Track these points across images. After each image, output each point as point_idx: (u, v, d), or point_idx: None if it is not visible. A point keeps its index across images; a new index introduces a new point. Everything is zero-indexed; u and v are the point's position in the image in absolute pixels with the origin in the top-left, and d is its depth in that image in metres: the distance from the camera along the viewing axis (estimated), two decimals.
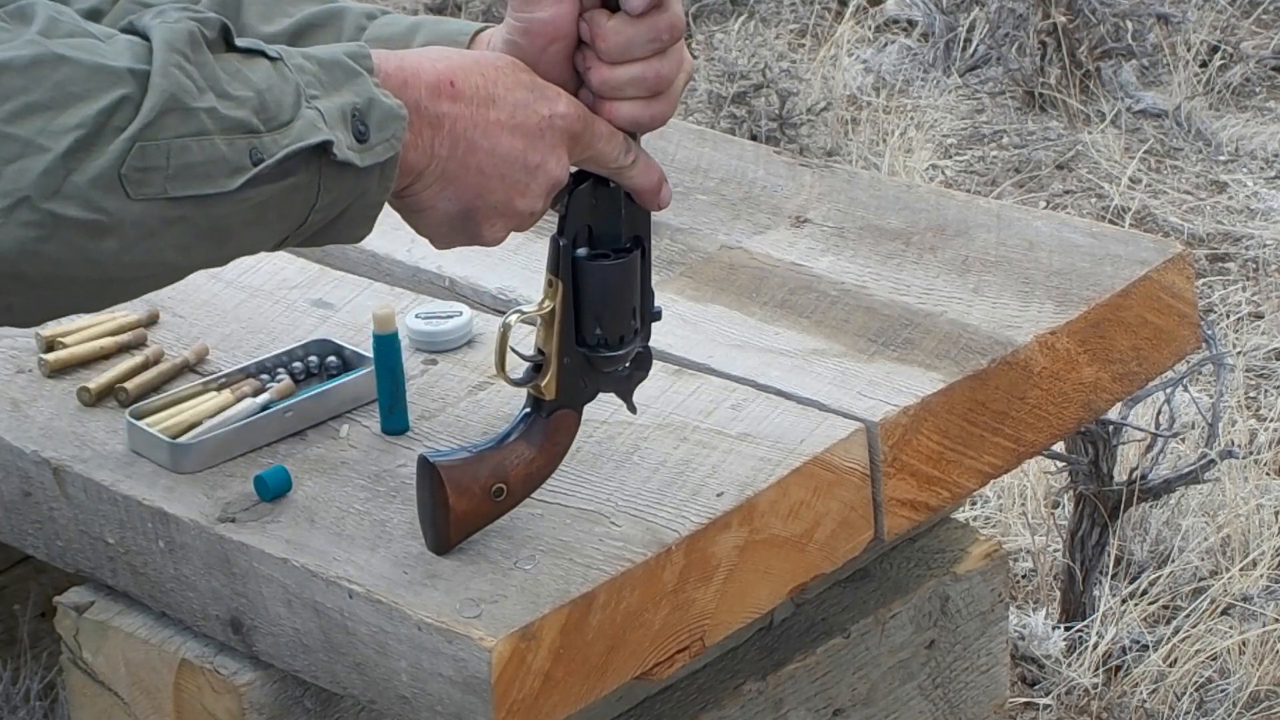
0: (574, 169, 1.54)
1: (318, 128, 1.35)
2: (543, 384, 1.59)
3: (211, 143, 1.31)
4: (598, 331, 1.58)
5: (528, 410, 1.61)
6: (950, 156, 4.51)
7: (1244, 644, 2.82)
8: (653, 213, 1.59)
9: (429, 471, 1.58)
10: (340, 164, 1.36)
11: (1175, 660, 2.80)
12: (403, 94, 1.41)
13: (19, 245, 1.26)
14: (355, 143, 1.37)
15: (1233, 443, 3.23)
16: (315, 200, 1.37)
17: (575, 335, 1.58)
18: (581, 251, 1.56)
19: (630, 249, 1.57)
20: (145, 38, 1.32)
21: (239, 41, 1.35)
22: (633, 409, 1.65)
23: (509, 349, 1.57)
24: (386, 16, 1.68)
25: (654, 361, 1.64)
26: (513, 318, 1.56)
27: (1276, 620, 2.86)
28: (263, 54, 1.36)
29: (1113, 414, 2.82)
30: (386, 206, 1.45)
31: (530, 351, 1.60)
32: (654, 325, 1.62)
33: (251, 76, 1.34)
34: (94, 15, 1.66)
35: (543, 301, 1.57)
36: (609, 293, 1.57)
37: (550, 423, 1.60)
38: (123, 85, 1.28)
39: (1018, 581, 3.02)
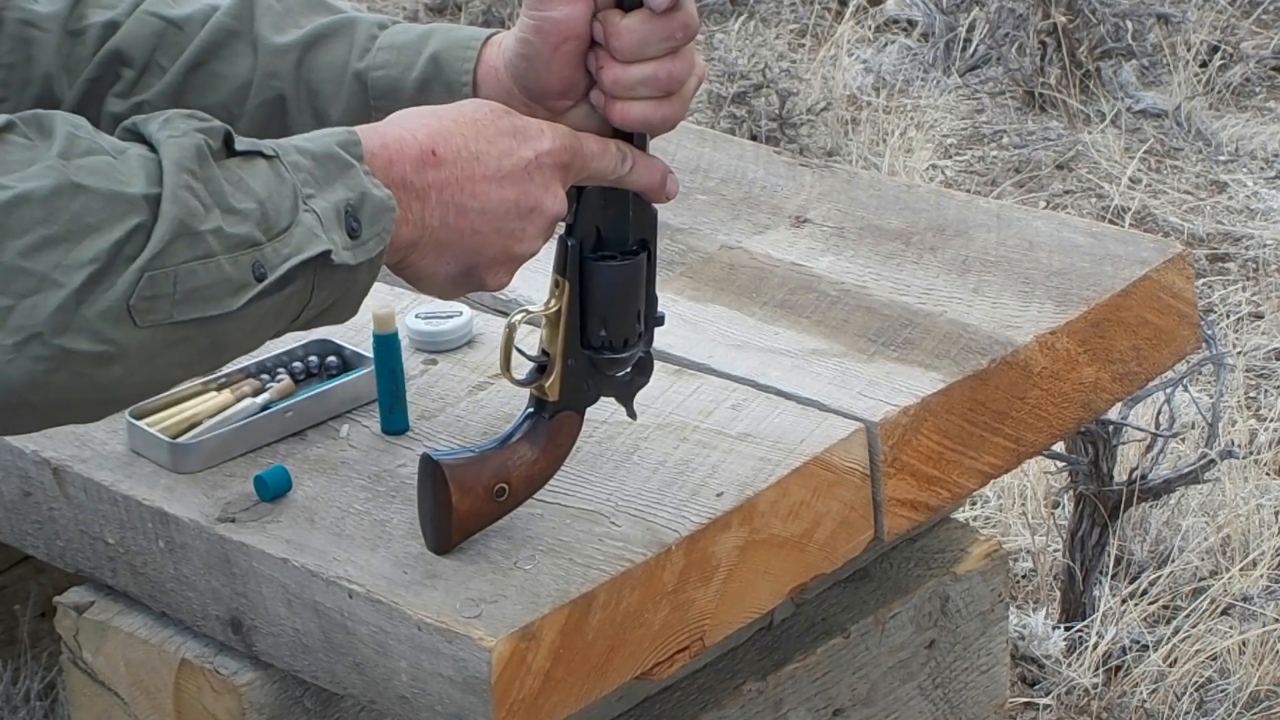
0: None
1: (316, 235, 1.36)
2: (547, 385, 1.59)
3: (217, 264, 1.32)
4: (603, 333, 1.58)
5: (530, 411, 1.61)
6: (950, 156, 4.51)
7: (1244, 644, 2.82)
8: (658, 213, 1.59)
9: (432, 470, 1.58)
10: (335, 265, 1.38)
11: (1175, 660, 2.80)
12: (388, 173, 1.42)
13: (28, 378, 1.27)
14: (349, 240, 1.38)
15: (1233, 443, 3.23)
16: (309, 300, 1.39)
17: (580, 337, 1.58)
18: (589, 251, 1.56)
19: (637, 251, 1.57)
20: (154, 149, 1.32)
21: (238, 144, 1.36)
22: (633, 415, 1.65)
23: (514, 349, 1.57)
24: (398, 25, 1.68)
25: (655, 361, 1.64)
26: (518, 318, 1.56)
27: (1276, 620, 2.86)
28: (260, 154, 1.37)
29: (1113, 414, 2.82)
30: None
31: (535, 352, 1.60)
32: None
33: (253, 184, 1.35)
34: (111, 26, 1.67)
35: (549, 302, 1.57)
36: (615, 294, 1.57)
37: (553, 424, 1.60)
38: (137, 213, 1.29)
39: (1018, 581, 3.02)
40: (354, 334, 1.89)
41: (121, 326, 1.29)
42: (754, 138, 4.34)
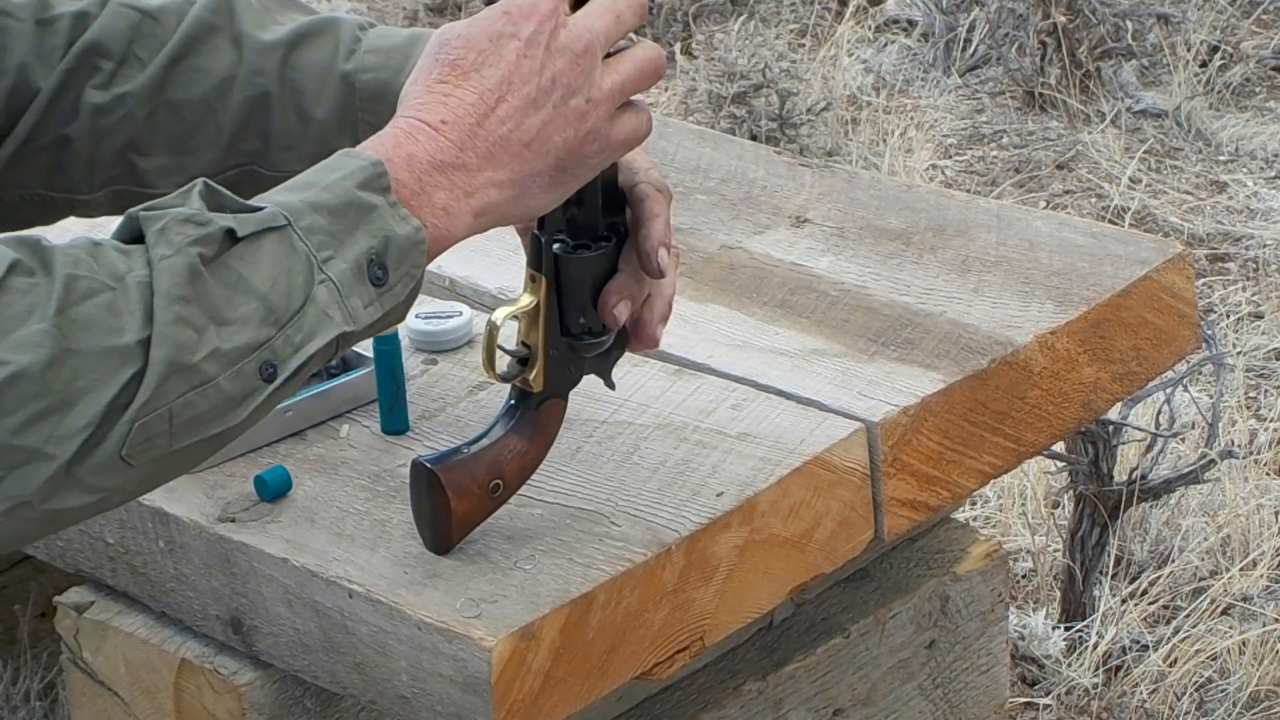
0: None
1: (329, 317, 1.34)
2: (531, 377, 1.59)
3: (215, 387, 1.30)
4: (582, 320, 1.57)
5: (513, 403, 1.61)
6: (950, 156, 4.51)
7: (1244, 644, 2.82)
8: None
9: (426, 476, 1.58)
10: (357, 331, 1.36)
11: (1175, 660, 2.80)
12: (412, 168, 1.39)
13: (18, 535, 1.27)
14: (373, 293, 1.36)
15: (1233, 443, 3.23)
16: (332, 359, 1.38)
17: (560, 326, 1.58)
18: (561, 245, 1.55)
19: (609, 237, 1.57)
20: (149, 256, 1.30)
21: (242, 229, 1.32)
22: (611, 385, 1.64)
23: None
24: (379, 29, 1.67)
25: (654, 362, 1.64)
26: (499, 316, 1.55)
27: (1276, 620, 2.86)
28: (269, 230, 1.33)
29: (1113, 414, 2.82)
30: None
31: (513, 346, 1.59)
32: None
33: (256, 277, 1.32)
34: (82, 17, 1.66)
35: (525, 296, 1.57)
36: (592, 284, 1.57)
37: (539, 413, 1.60)
38: (131, 363, 1.27)
39: (1018, 581, 3.02)
40: None
41: (115, 474, 1.28)
42: (754, 138, 4.34)
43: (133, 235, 1.32)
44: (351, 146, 1.61)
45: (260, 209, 1.34)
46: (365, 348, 1.81)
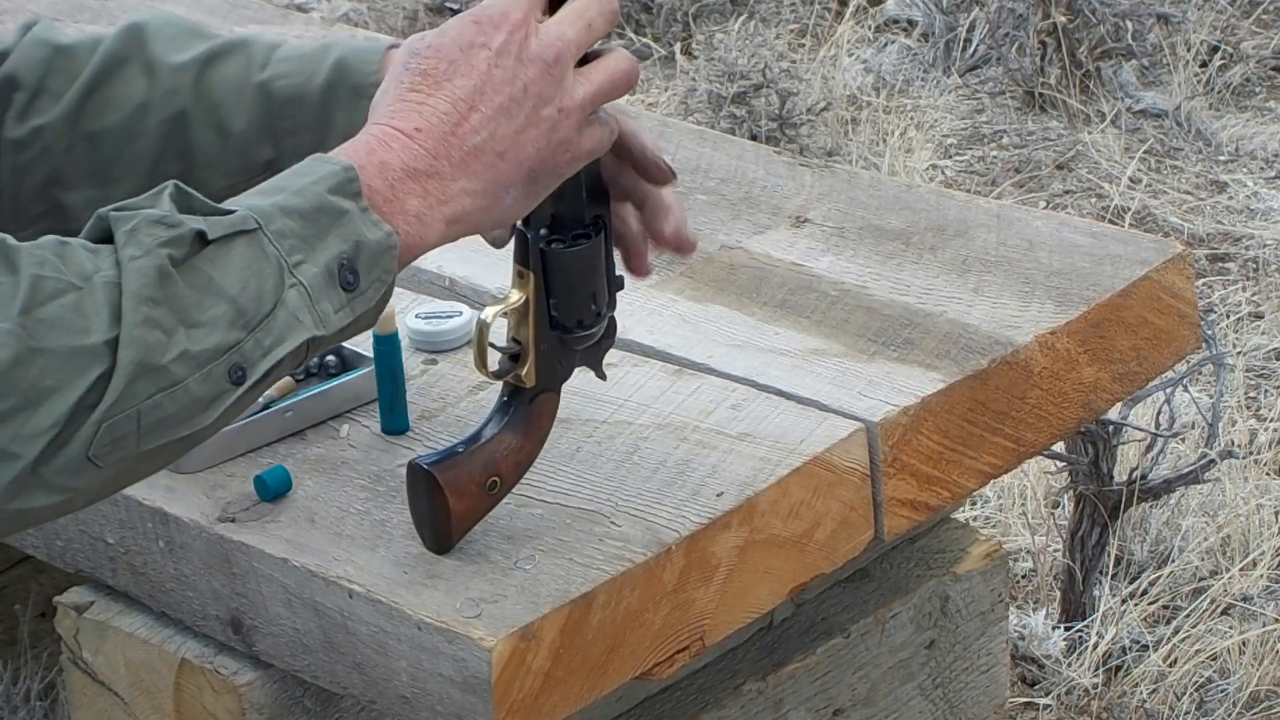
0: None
1: (299, 321, 1.34)
2: (523, 373, 1.59)
3: (184, 389, 1.30)
4: (571, 314, 1.58)
5: (506, 400, 1.61)
6: (950, 156, 4.51)
7: (1244, 644, 2.82)
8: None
9: (424, 477, 1.58)
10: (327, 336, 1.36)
11: (1175, 660, 2.80)
12: (386, 175, 1.39)
13: None
14: (343, 298, 1.36)
15: (1233, 443, 3.23)
16: (301, 364, 1.38)
17: (549, 321, 1.58)
18: (548, 239, 1.55)
19: (594, 229, 1.57)
20: (117, 257, 1.29)
21: (213, 231, 1.32)
22: (602, 376, 1.64)
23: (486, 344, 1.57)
24: (294, 42, 1.67)
25: (654, 362, 1.64)
26: (489, 313, 1.55)
27: (1276, 620, 2.86)
28: (240, 233, 1.33)
29: (1113, 414, 2.82)
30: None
31: (503, 342, 1.59)
32: (654, 323, 1.62)
33: (226, 280, 1.32)
34: (2, 56, 1.66)
35: (514, 293, 1.57)
36: (580, 276, 1.57)
37: (533, 408, 1.60)
38: (98, 363, 1.27)
39: (1018, 581, 3.02)
40: None
41: (82, 475, 1.28)
42: (754, 138, 4.34)
43: (102, 235, 1.32)
44: (272, 155, 1.62)
45: (231, 212, 1.34)
46: (365, 348, 1.81)
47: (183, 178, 1.62)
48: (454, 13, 1.45)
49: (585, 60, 1.47)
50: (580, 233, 1.56)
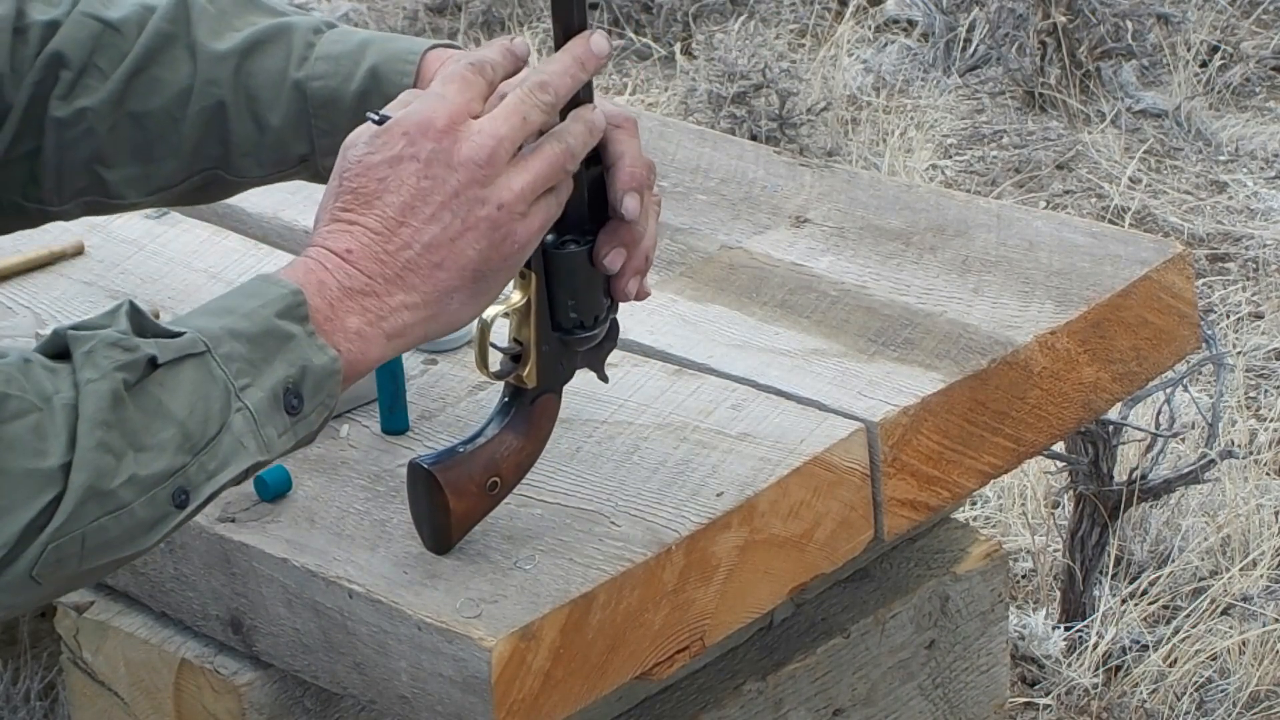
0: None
1: (243, 447, 1.35)
2: (524, 374, 1.59)
3: (129, 513, 1.31)
4: (573, 315, 1.57)
5: (507, 400, 1.61)
6: (950, 156, 4.51)
7: (1244, 644, 2.82)
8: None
9: (424, 477, 1.57)
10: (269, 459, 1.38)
11: (1175, 660, 2.80)
12: (323, 294, 1.40)
13: None
14: (287, 422, 1.37)
15: (1233, 443, 3.23)
16: (242, 483, 1.40)
17: (551, 322, 1.58)
18: (550, 239, 1.55)
19: (596, 231, 1.57)
20: (75, 379, 1.30)
21: (163, 355, 1.33)
22: (604, 378, 1.64)
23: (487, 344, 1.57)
24: (335, 31, 1.66)
25: (654, 362, 1.64)
26: (491, 314, 1.55)
27: (1276, 620, 2.86)
28: (189, 356, 1.34)
29: (1113, 414, 2.82)
30: None
31: (504, 343, 1.59)
32: (654, 323, 1.62)
33: (174, 403, 1.33)
34: (52, 26, 1.66)
35: (515, 294, 1.57)
36: (582, 277, 1.56)
37: (534, 409, 1.60)
38: (51, 487, 1.28)
39: (1018, 581, 3.02)
40: None
41: (23, 592, 1.29)
42: (754, 138, 4.34)
43: (58, 351, 1.33)
44: (307, 151, 1.62)
45: (181, 334, 1.35)
46: None
47: (222, 162, 1.65)
48: (377, 123, 1.45)
49: (572, 105, 1.48)
50: (583, 234, 1.56)
